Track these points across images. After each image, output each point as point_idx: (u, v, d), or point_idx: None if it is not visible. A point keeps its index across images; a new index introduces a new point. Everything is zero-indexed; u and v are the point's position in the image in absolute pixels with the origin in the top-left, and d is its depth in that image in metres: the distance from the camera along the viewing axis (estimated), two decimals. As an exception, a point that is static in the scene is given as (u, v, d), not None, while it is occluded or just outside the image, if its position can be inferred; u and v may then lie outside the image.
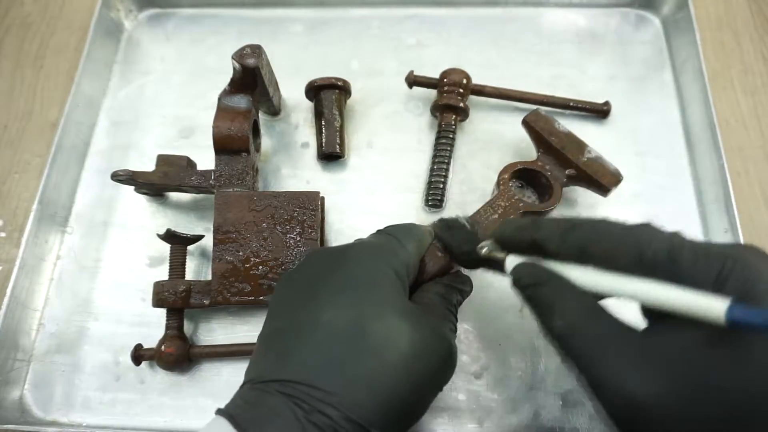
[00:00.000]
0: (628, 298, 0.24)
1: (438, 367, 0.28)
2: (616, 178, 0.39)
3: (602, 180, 0.39)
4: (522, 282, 0.28)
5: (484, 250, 0.31)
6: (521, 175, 0.42)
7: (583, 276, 0.26)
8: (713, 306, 0.21)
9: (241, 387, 0.28)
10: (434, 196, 0.43)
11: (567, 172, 0.40)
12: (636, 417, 0.22)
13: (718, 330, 0.21)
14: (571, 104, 0.46)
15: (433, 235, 0.34)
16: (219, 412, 0.26)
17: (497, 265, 0.31)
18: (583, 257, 0.26)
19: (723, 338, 0.21)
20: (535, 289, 0.27)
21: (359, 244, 0.32)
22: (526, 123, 0.42)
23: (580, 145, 0.40)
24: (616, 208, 0.44)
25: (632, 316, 0.25)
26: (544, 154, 0.41)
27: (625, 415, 0.23)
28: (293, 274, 0.31)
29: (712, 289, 0.22)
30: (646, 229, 0.25)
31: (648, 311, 0.26)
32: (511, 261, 0.29)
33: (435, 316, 0.31)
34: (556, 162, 0.41)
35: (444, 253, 0.34)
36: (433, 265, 0.34)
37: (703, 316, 0.21)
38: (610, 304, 0.25)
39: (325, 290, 0.28)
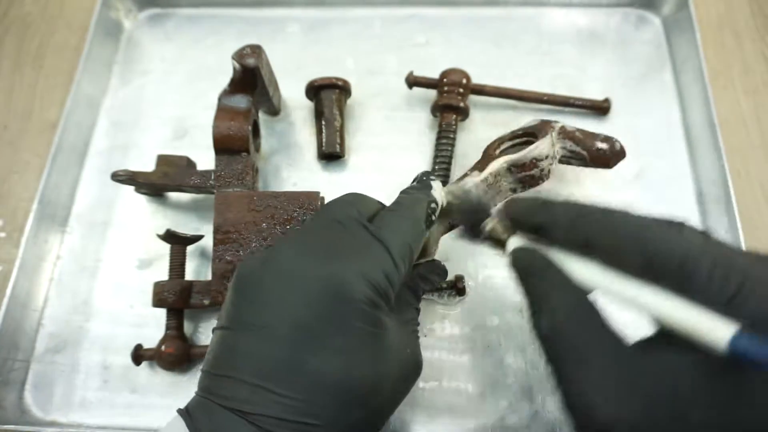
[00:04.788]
0: (626, 302, 0.22)
1: (404, 385, 0.28)
2: (616, 150, 0.39)
3: (599, 144, 0.38)
4: (519, 266, 0.27)
5: (487, 228, 0.30)
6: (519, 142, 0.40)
7: (584, 270, 0.24)
8: (717, 329, 0.18)
9: (201, 376, 0.27)
10: (434, 196, 0.43)
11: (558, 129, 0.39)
12: None
13: (719, 360, 0.18)
14: (571, 101, 0.46)
15: (436, 212, 0.32)
16: (180, 411, 0.26)
17: (499, 244, 0.29)
18: (588, 248, 0.24)
19: (724, 372, 0.19)
20: (529, 278, 0.26)
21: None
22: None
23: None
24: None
25: (633, 318, 0.22)
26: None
27: None
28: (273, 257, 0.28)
29: (723, 311, 0.19)
30: (664, 231, 0.22)
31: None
32: (513, 242, 0.28)
33: (404, 325, 0.30)
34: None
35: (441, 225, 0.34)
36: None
37: (702, 338, 0.18)
38: (615, 299, 0.23)
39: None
